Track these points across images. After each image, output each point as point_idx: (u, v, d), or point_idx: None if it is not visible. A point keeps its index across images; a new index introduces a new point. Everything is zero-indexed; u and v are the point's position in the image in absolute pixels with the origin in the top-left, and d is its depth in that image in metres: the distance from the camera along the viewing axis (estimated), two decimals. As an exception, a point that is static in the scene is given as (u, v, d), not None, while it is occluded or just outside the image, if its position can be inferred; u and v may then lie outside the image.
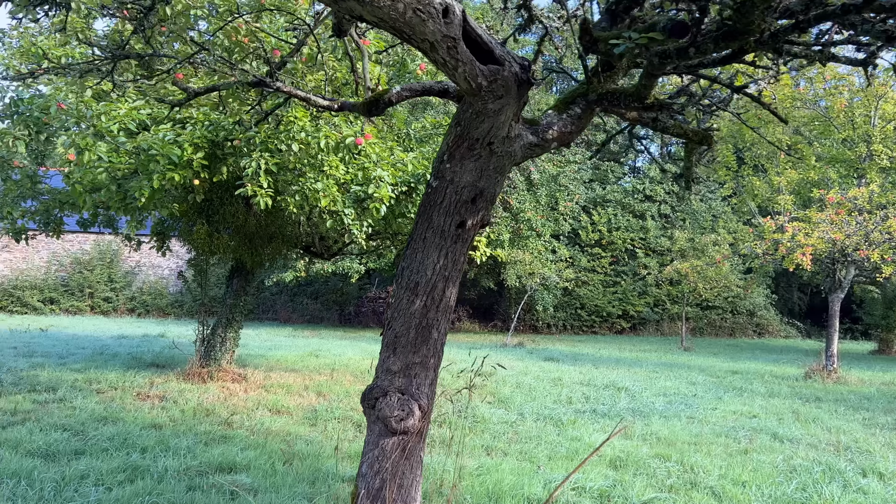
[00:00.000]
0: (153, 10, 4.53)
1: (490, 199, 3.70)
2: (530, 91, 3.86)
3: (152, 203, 7.76)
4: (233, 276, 12.40)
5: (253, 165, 6.87)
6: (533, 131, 3.72)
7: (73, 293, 30.11)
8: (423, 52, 3.21)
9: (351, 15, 3.02)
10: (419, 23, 2.99)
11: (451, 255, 3.68)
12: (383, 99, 3.73)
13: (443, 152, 3.62)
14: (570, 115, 3.76)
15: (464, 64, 3.17)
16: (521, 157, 3.69)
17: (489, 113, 3.39)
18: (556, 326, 31.43)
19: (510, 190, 24.12)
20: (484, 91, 3.29)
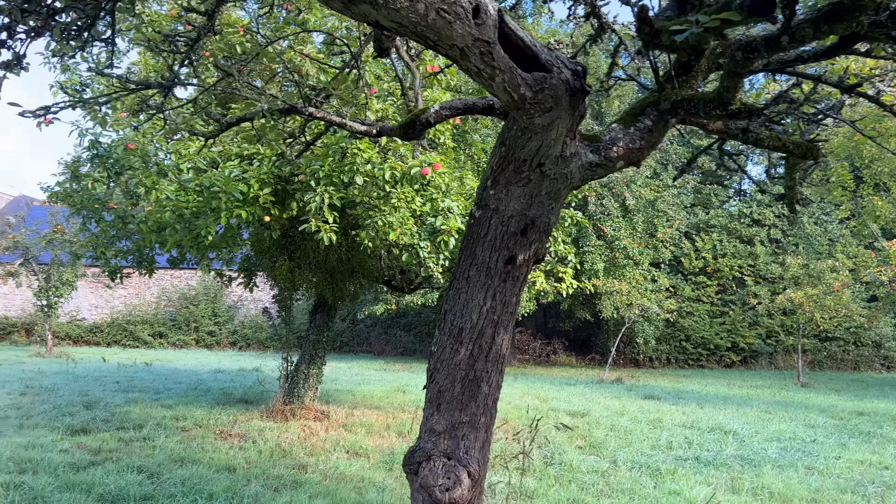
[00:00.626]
0: (200, 42, 4.33)
1: (544, 230, 3.16)
2: (594, 104, 3.28)
3: (224, 241, 7.65)
4: (316, 311, 12.28)
5: (317, 200, 6.62)
6: (593, 149, 3.16)
7: (179, 327, 31.36)
8: (453, 61, 2.75)
9: (366, 21, 2.60)
10: (444, 26, 2.54)
11: (500, 295, 3.16)
12: (420, 120, 3.29)
13: (486, 177, 3.12)
14: (638, 129, 3.18)
15: (502, 72, 2.68)
16: (579, 179, 3.14)
17: (537, 129, 2.87)
18: (659, 360, 29.84)
19: (604, 217, 23.19)
20: (529, 103, 2.78)
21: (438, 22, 2.53)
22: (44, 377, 16.68)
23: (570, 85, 2.79)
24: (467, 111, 3.35)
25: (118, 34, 4.34)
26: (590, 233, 22.69)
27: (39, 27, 3.72)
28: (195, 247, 7.31)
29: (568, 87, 2.79)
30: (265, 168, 6.93)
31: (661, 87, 3.13)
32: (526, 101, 2.78)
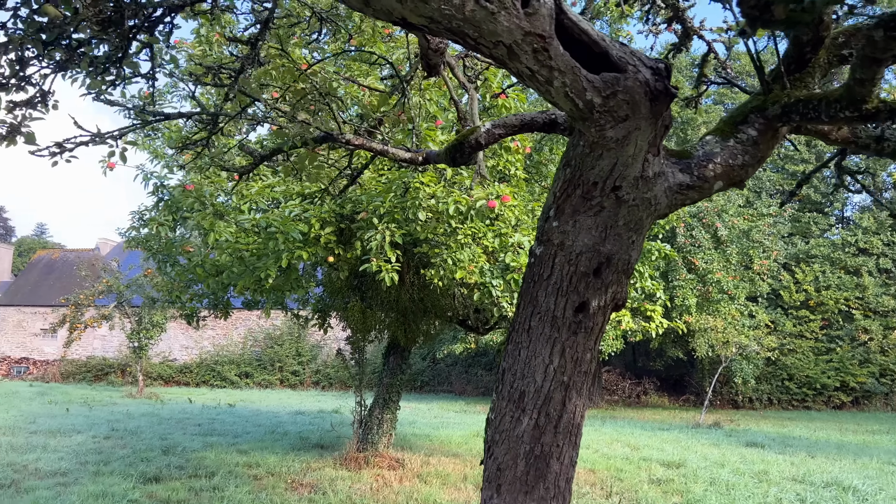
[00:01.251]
0: (244, 73, 4.00)
1: (623, 269, 2.55)
2: (677, 116, 2.67)
3: (288, 283, 7.34)
4: (389, 353, 11.85)
5: (377, 238, 6.20)
6: (683, 167, 2.55)
7: (264, 367, 31.76)
8: (499, 63, 2.23)
9: (391, 19, 2.12)
10: (486, 18, 2.02)
11: (570, 351, 2.56)
12: (468, 141, 2.77)
13: (548, 205, 2.56)
14: (740, 141, 2.55)
15: (562, 74, 2.14)
16: (666, 205, 2.53)
17: (609, 144, 2.30)
18: (760, 401, 27.82)
19: (694, 249, 21.93)
20: (598, 112, 2.22)
21: (478, 14, 2.02)
22: (130, 419, 16.93)
23: (650, 87, 2.21)
24: (524, 128, 2.81)
25: (158, 68, 4.06)
26: (679, 266, 21.47)
27: (64, 60, 3.46)
28: (258, 290, 7.02)
29: (648, 90, 2.21)
30: (327, 206, 6.59)
31: (767, 88, 2.50)
32: (594, 110, 2.22)
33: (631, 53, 2.22)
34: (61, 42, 3.36)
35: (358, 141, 3.10)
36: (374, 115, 3.67)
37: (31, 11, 3.14)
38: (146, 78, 4.23)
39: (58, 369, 32.43)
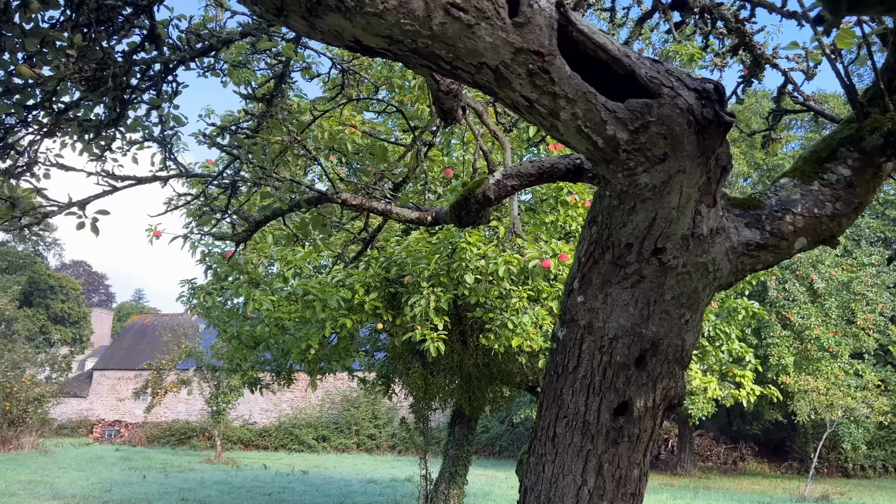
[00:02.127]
0: (261, 128, 3.65)
1: (676, 358, 1.93)
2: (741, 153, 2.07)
3: (337, 352, 6.90)
4: (454, 423, 11.18)
5: (422, 304, 5.70)
6: (751, 221, 1.93)
7: (341, 430, 31.40)
8: (487, 92, 1.71)
9: (343, 43, 1.65)
10: (461, 33, 1.53)
11: (610, 467, 1.93)
12: (474, 196, 2.25)
13: (572, 275, 1.98)
14: (828, 183, 1.92)
15: (571, 102, 1.60)
16: (730, 271, 1.91)
17: (644, 193, 1.72)
18: (874, 468, 25.20)
19: (788, 304, 20.36)
20: (625, 151, 1.66)
21: (451, 28, 1.52)
22: (202, 488, 16.76)
23: (694, 115, 1.63)
24: (544, 177, 2.26)
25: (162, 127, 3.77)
26: (773, 322, 19.92)
27: (51, 125, 3.19)
28: (303, 360, 6.62)
29: (692, 120, 1.64)
30: (372, 270, 6.18)
31: (862, 113, 1.87)
32: (620, 148, 1.66)
33: (667, 72, 1.66)
34: (46, 105, 3.09)
35: (356, 200, 2.64)
36: (375, 168, 3.25)
37: (7, 74, 2.88)
38: (157, 142, 3.96)
39: (144, 433, 33.10)
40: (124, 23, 3.11)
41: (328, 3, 1.53)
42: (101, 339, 55.66)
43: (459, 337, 9.54)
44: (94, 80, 3.07)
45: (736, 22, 3.24)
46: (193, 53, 3.39)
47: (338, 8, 1.53)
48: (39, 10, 2.86)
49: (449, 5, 1.50)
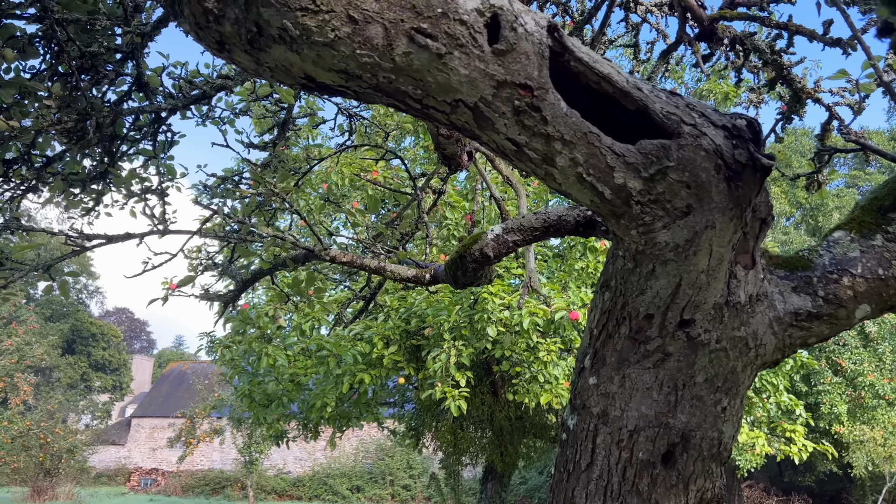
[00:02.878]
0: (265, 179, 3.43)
1: (712, 454, 1.57)
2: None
3: (357, 408, 6.57)
4: (486, 479, 10.69)
5: (441, 359, 5.36)
6: (800, 284, 1.59)
7: (376, 480, 30.78)
8: (468, 135, 1.42)
9: (292, 79, 1.39)
10: (429, 64, 1.25)
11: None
12: (470, 254, 1.94)
13: (583, 351, 1.65)
14: (893, 238, 1.57)
15: (568, 145, 1.31)
16: (775, 346, 1.57)
17: (664, 254, 1.40)
18: (940, 524, 23.58)
19: (839, 349, 19.39)
20: (638, 203, 1.35)
21: (417, 59, 1.25)
22: (231, 542, 16.36)
23: (724, 159, 1.32)
24: (550, 231, 1.95)
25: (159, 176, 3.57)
26: (823, 369, 18.96)
27: (33, 179, 3.00)
28: (322, 418, 6.30)
29: (721, 164, 1.32)
30: (391, 323, 5.88)
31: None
32: (632, 200, 1.35)
33: (687, 107, 1.36)
34: (26, 159, 2.91)
35: (346, 258, 2.37)
36: (369, 221, 2.99)
37: (-18, 127, 2.70)
38: (156, 195, 3.76)
39: (179, 483, 32.90)
40: (111, 71, 2.93)
41: (270, 33, 1.27)
42: (142, 386, 56.17)
43: (490, 388, 9.14)
44: (77, 132, 2.88)
45: (772, 53, 2.92)
46: (186, 101, 3.21)
47: (282, 38, 1.27)
48: (15, 60, 2.69)
49: (413, 31, 1.23)
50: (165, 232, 2.63)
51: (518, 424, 9.79)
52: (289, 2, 1.22)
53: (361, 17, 1.23)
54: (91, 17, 2.69)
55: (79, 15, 2.70)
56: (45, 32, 2.73)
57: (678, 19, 2.69)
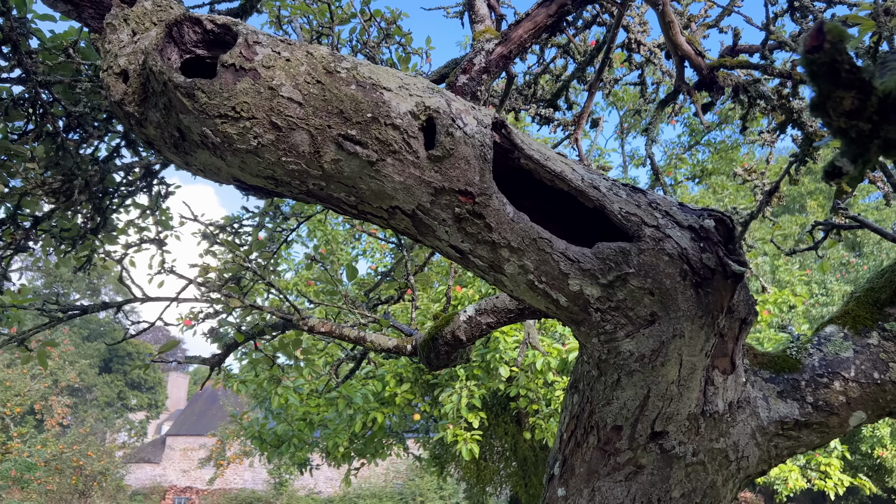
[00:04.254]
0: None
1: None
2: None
3: (370, 447, 6.47)
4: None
5: (452, 400, 5.24)
6: (787, 387, 1.46)
7: (406, 501, 30.56)
8: (411, 238, 1.33)
9: (222, 180, 1.30)
10: (361, 172, 1.16)
11: None
12: (442, 337, 1.84)
13: (553, 457, 1.53)
14: (891, 337, 1.43)
15: (516, 253, 1.20)
16: (758, 458, 1.43)
17: (629, 364, 1.28)
18: None
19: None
20: (598, 311, 1.23)
21: (347, 166, 1.16)
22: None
23: (690, 263, 1.20)
24: (524, 314, 1.83)
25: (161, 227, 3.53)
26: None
27: (21, 239, 2.98)
28: (333, 456, 6.22)
29: (688, 269, 1.20)
30: (403, 360, 5.78)
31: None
32: (590, 307, 1.23)
33: (650, 205, 1.24)
34: (13, 220, 2.88)
35: (325, 327, 2.28)
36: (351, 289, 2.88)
37: (-32, 190, 2.69)
38: (155, 244, 3.73)
39: (212, 502, 33.08)
40: (97, 129, 2.90)
41: (192, 138, 1.19)
42: (178, 403, 56.79)
43: (513, 418, 8.97)
44: (64, 192, 2.85)
45: (779, 98, 2.77)
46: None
47: (204, 144, 1.18)
48: (0, 123, 2.67)
49: (342, 138, 1.14)
50: (146, 300, 2.57)
51: (542, 455, 9.58)
52: (207, 109, 1.13)
53: (285, 124, 1.14)
54: (74, 78, 2.67)
55: (62, 76, 2.68)
56: (29, 94, 2.71)
57: (675, 68, 2.56)
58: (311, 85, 1.14)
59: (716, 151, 16.46)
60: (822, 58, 0.66)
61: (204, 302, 2.56)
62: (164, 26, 1.18)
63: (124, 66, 1.22)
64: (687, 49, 2.47)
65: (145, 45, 1.22)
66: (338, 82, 1.15)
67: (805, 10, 2.28)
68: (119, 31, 1.25)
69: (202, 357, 2.70)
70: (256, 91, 1.12)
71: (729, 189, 14.36)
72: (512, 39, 2.47)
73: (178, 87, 1.12)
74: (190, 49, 1.22)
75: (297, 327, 2.34)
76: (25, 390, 18.96)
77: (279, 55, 1.15)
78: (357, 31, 3.14)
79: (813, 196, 26.06)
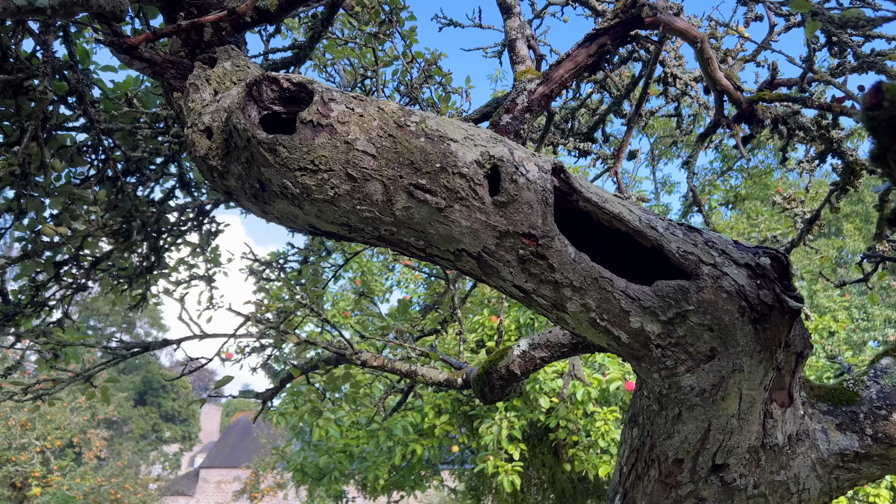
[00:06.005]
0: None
1: None
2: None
3: (407, 479, 6.48)
4: (550, 543, 10.33)
5: (493, 432, 5.25)
6: (845, 420, 1.48)
7: (440, 534, 30.20)
8: (475, 279, 1.39)
9: (297, 227, 1.38)
10: (430, 218, 1.23)
11: None
12: (496, 371, 1.89)
13: (613, 490, 1.56)
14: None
15: (578, 292, 1.26)
16: (820, 490, 1.44)
17: (690, 398, 1.32)
18: None
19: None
20: (658, 347, 1.28)
21: (417, 213, 1.23)
22: None
23: (748, 300, 1.24)
24: (578, 348, 1.87)
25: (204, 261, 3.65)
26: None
27: (82, 279, 3.11)
28: (372, 488, 6.24)
29: (746, 306, 1.24)
30: (442, 391, 5.81)
31: None
32: (651, 344, 1.28)
33: (706, 244, 1.29)
34: (75, 261, 3.02)
35: (377, 361, 2.34)
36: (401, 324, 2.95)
37: (34, 234, 2.83)
38: (203, 281, 3.85)
39: (245, 534, 33.02)
40: (154, 171, 3.04)
41: (272, 189, 1.27)
42: (211, 435, 57.03)
43: (550, 449, 8.90)
44: (122, 233, 2.98)
45: (819, 129, 2.80)
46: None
47: (283, 195, 1.26)
48: (65, 169, 2.82)
49: (412, 187, 1.21)
50: (203, 336, 2.66)
51: (581, 486, 9.47)
52: (288, 162, 1.22)
53: (360, 175, 1.21)
54: (134, 125, 2.81)
55: (123, 124, 2.82)
56: (92, 141, 2.85)
57: (714, 102, 2.61)
58: (384, 138, 1.22)
59: (749, 177, 16.35)
60: (882, 115, 0.71)
61: (261, 338, 2.64)
62: (245, 86, 1.27)
63: (208, 123, 1.31)
64: (726, 84, 2.52)
65: (227, 103, 1.31)
66: (408, 135, 1.23)
67: (843, 45, 2.32)
68: (202, 91, 1.35)
69: (256, 391, 2.78)
70: (333, 145, 1.21)
71: (764, 215, 14.24)
72: (553, 79, 2.54)
73: (261, 142, 1.21)
74: (267, 106, 1.31)
75: (351, 361, 2.40)
76: (66, 423, 19.28)
77: (353, 111, 1.24)
78: (399, 73, 3.26)
79: (849, 219, 25.68)
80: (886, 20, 2.08)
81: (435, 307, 3.13)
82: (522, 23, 2.85)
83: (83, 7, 1.32)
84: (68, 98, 2.73)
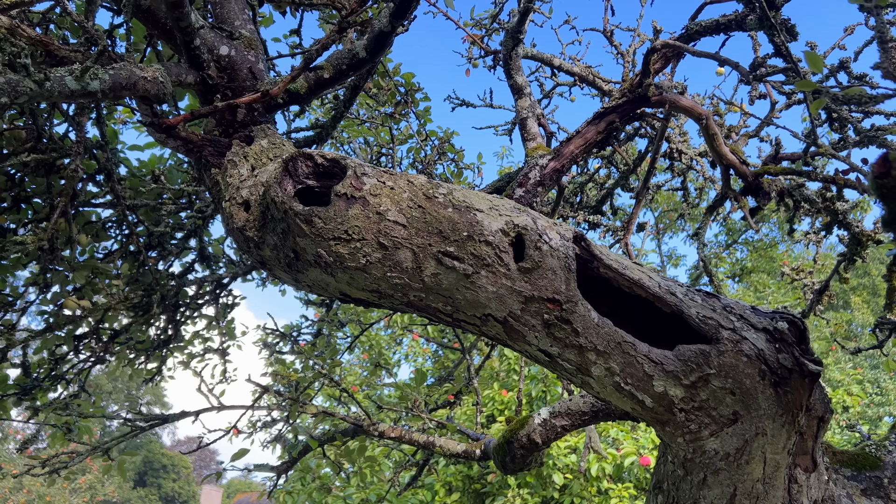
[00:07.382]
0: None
1: None
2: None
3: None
4: None
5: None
6: (870, 485, 1.48)
7: None
8: (500, 344, 1.43)
9: (329, 294, 1.43)
10: (458, 284, 1.28)
11: None
12: (517, 440, 1.89)
13: (638, 559, 1.54)
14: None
15: (603, 356, 1.29)
16: (849, 558, 1.43)
17: (714, 462, 1.33)
18: None
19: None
20: (682, 411, 1.30)
21: (445, 279, 1.28)
22: None
23: (768, 364, 1.27)
24: (599, 416, 1.88)
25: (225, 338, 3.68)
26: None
27: (101, 351, 3.14)
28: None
29: (766, 370, 1.27)
30: (452, 469, 5.72)
31: None
32: (675, 408, 1.30)
33: (724, 309, 1.33)
34: (95, 333, 3.06)
35: (395, 433, 2.34)
36: (417, 395, 2.95)
37: (57, 307, 2.88)
38: (217, 354, 3.87)
39: None
40: (175, 246, 3.12)
41: (306, 258, 1.33)
42: (211, 517, 55.36)
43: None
44: (143, 306, 3.03)
45: (824, 201, 2.88)
46: (247, 269, 3.35)
47: (317, 263, 1.32)
48: (90, 244, 2.90)
49: (441, 255, 1.26)
50: (221, 408, 2.67)
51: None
52: (323, 232, 1.28)
53: (391, 244, 1.27)
54: (158, 201, 2.90)
55: (148, 200, 2.92)
56: (117, 217, 2.94)
57: (721, 176, 2.70)
58: (413, 209, 1.29)
59: (754, 250, 16.44)
60: (890, 182, 0.78)
61: (277, 409, 2.65)
62: (282, 161, 1.35)
63: (246, 196, 1.38)
64: (732, 158, 2.62)
65: (265, 178, 1.38)
66: (436, 206, 1.29)
67: (844, 120, 2.42)
68: (239, 167, 1.43)
69: (270, 465, 2.76)
70: (366, 216, 1.27)
71: (771, 287, 14.24)
72: (564, 155, 2.64)
73: (297, 214, 1.28)
74: (302, 180, 1.39)
75: (368, 433, 2.40)
76: (64, 505, 18.82)
77: (384, 184, 1.31)
78: (414, 150, 3.38)
79: (856, 292, 25.60)
80: (888, 97, 2.18)
81: (449, 379, 3.13)
82: (533, 102, 2.98)
83: (131, 91, 1.41)
84: (97, 176, 2.84)
